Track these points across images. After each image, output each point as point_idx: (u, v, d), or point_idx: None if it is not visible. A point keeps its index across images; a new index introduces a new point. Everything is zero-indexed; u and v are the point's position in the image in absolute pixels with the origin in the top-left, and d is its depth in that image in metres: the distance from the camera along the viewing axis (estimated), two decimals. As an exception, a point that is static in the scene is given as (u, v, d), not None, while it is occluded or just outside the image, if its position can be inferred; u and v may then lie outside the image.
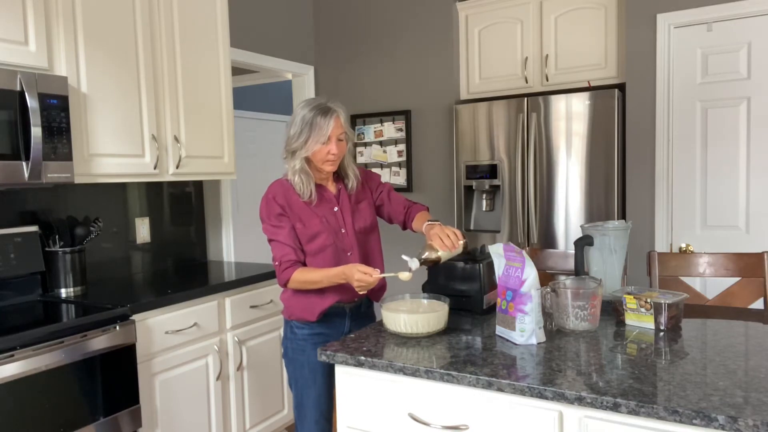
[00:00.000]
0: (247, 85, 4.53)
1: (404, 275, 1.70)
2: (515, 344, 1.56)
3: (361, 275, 1.72)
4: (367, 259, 2.01)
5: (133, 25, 2.47)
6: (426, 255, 1.76)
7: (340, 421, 1.58)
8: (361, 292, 1.78)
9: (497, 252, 1.65)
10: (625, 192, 3.12)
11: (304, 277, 1.86)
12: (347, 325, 1.99)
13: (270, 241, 1.93)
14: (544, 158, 3.22)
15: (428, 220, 1.90)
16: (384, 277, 1.76)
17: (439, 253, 1.76)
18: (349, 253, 1.96)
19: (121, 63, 2.43)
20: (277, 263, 1.90)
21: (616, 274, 1.96)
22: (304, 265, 1.91)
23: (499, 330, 1.63)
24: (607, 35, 3.19)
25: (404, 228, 2.13)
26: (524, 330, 1.54)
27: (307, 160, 1.89)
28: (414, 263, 1.72)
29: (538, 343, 1.55)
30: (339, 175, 2.03)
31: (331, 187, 2.00)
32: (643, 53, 3.01)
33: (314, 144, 1.84)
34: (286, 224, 1.90)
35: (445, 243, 1.75)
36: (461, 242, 1.80)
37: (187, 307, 2.42)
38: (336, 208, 1.97)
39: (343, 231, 1.96)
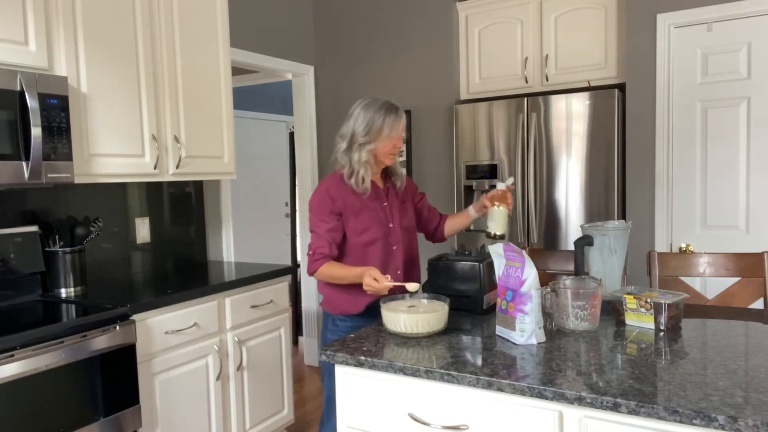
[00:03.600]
0: (247, 85, 4.53)
1: (411, 286, 1.80)
2: (515, 344, 1.56)
3: (370, 279, 1.82)
4: (410, 255, 2.17)
5: (133, 24, 2.47)
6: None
7: (340, 421, 1.58)
8: (369, 292, 1.86)
9: (497, 252, 1.65)
10: (625, 192, 3.12)
11: (330, 271, 1.98)
12: None
13: (311, 231, 2.04)
14: (544, 158, 3.22)
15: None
16: (395, 286, 1.84)
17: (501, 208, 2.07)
18: (395, 247, 2.08)
19: (121, 63, 2.43)
20: (311, 252, 2.01)
21: (616, 274, 1.96)
22: (335, 260, 2.03)
23: (499, 330, 1.63)
24: (607, 35, 3.19)
25: (430, 237, 2.32)
26: (524, 330, 1.54)
27: (373, 154, 2.03)
28: (501, 185, 2.10)
29: (538, 343, 1.55)
30: (387, 173, 2.17)
31: (380, 184, 2.13)
32: (643, 53, 3.01)
33: (386, 138, 2.01)
34: (332, 221, 2.01)
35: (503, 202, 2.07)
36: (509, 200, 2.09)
37: (187, 307, 2.42)
38: (385, 203, 2.10)
39: (391, 225, 2.09)
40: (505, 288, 1.61)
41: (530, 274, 1.54)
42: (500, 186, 2.12)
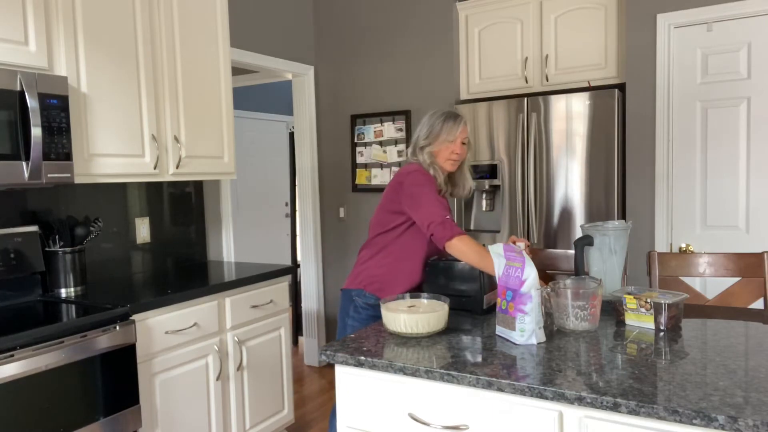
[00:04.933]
0: (247, 85, 4.53)
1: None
2: (515, 344, 1.56)
3: None
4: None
5: (133, 24, 2.47)
6: None
7: (340, 421, 1.58)
8: None
9: (497, 252, 1.65)
10: (625, 192, 3.12)
11: (473, 245, 1.89)
12: None
13: (422, 199, 1.99)
14: (544, 158, 3.22)
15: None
16: None
17: None
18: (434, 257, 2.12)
19: (121, 63, 2.43)
20: (439, 221, 1.92)
21: (616, 274, 1.96)
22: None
23: (499, 330, 1.63)
24: (607, 35, 3.19)
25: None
26: (524, 330, 1.54)
27: (433, 156, 2.11)
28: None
29: (538, 343, 1.55)
30: (446, 185, 2.22)
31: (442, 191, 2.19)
32: (643, 53, 3.01)
33: (443, 142, 2.10)
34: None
35: None
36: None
37: (187, 307, 2.42)
38: None
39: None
40: (505, 288, 1.61)
41: (530, 274, 1.54)
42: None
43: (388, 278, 2.10)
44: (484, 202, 3.49)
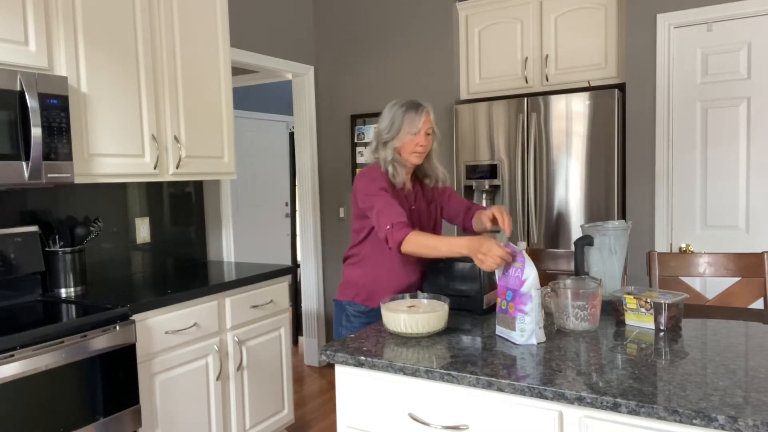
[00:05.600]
0: (247, 85, 4.54)
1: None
2: (515, 344, 1.56)
3: (500, 251, 1.59)
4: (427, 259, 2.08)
5: (133, 24, 2.47)
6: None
7: (340, 421, 1.58)
8: (487, 269, 1.66)
9: (503, 236, 1.66)
10: (625, 192, 3.12)
11: (420, 239, 1.81)
12: None
13: (373, 208, 1.91)
14: (544, 158, 3.22)
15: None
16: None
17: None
18: None
19: (121, 63, 2.43)
20: (388, 226, 1.85)
21: (616, 274, 1.96)
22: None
23: (499, 330, 1.63)
24: (607, 35, 3.19)
25: (464, 229, 2.20)
26: (524, 330, 1.54)
27: (397, 152, 2.00)
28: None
29: (538, 343, 1.55)
30: (417, 176, 2.13)
31: (409, 185, 2.09)
32: (643, 53, 3.01)
33: (405, 135, 1.98)
34: (391, 197, 1.93)
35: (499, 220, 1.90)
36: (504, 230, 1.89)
37: (187, 307, 2.42)
38: (413, 207, 2.07)
39: (417, 229, 2.03)
40: (505, 288, 1.61)
41: (530, 274, 1.54)
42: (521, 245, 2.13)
43: (374, 286, 2.04)
44: (484, 202, 3.49)
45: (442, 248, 1.79)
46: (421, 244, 1.81)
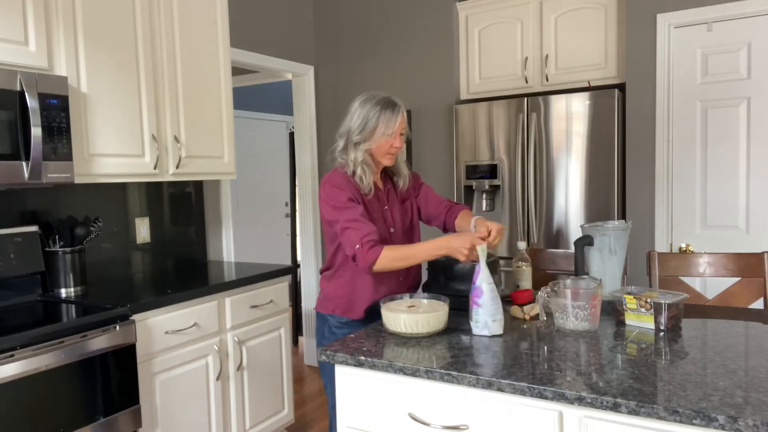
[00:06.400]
0: (247, 85, 4.54)
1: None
2: (481, 337, 1.63)
3: (470, 237, 1.68)
4: None
5: (133, 25, 2.47)
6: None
7: (340, 421, 1.58)
8: (468, 259, 1.71)
9: (484, 249, 1.72)
10: (625, 192, 3.12)
11: (394, 253, 1.75)
12: None
13: (338, 223, 1.82)
14: (544, 158, 3.22)
15: (474, 218, 1.92)
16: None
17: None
18: None
19: (121, 63, 2.43)
20: (358, 246, 1.76)
21: (616, 274, 1.96)
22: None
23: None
24: (607, 35, 3.19)
25: (445, 230, 2.11)
26: (477, 321, 1.65)
27: (368, 154, 1.91)
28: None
29: (492, 336, 1.63)
30: (387, 174, 2.05)
31: (380, 185, 2.01)
32: (643, 53, 3.01)
33: (381, 136, 1.88)
34: (360, 207, 1.83)
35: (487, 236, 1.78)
36: (496, 241, 1.80)
37: (187, 307, 2.42)
38: (386, 207, 2.00)
39: (392, 230, 1.98)
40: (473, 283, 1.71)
41: (482, 270, 1.66)
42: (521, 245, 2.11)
43: (352, 298, 1.94)
44: (484, 202, 3.49)
45: (419, 255, 1.78)
46: (397, 257, 1.76)
